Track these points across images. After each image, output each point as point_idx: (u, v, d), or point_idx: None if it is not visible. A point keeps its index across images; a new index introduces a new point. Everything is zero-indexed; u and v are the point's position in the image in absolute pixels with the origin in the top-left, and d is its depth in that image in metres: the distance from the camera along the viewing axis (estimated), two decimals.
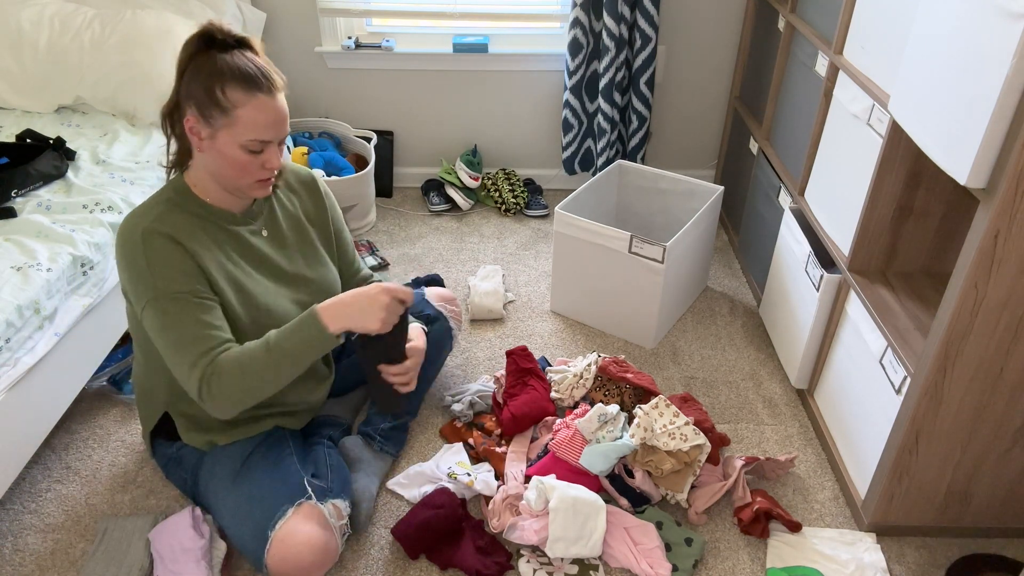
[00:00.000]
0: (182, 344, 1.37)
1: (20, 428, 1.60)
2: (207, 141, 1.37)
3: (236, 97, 1.32)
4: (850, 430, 1.80)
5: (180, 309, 1.37)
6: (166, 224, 1.39)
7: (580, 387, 1.96)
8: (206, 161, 1.40)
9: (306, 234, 1.64)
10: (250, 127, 1.34)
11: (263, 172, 1.41)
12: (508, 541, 1.66)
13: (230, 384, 1.37)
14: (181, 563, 1.51)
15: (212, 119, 1.34)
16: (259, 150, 1.38)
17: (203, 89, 1.32)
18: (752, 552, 1.67)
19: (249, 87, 1.33)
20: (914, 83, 1.42)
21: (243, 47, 1.37)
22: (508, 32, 2.84)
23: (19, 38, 2.32)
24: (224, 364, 1.37)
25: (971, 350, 1.40)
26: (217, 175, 1.42)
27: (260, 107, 1.34)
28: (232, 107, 1.33)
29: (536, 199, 2.96)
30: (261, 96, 1.34)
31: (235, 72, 1.32)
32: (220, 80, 1.32)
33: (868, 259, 1.79)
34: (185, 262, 1.39)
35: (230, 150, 1.36)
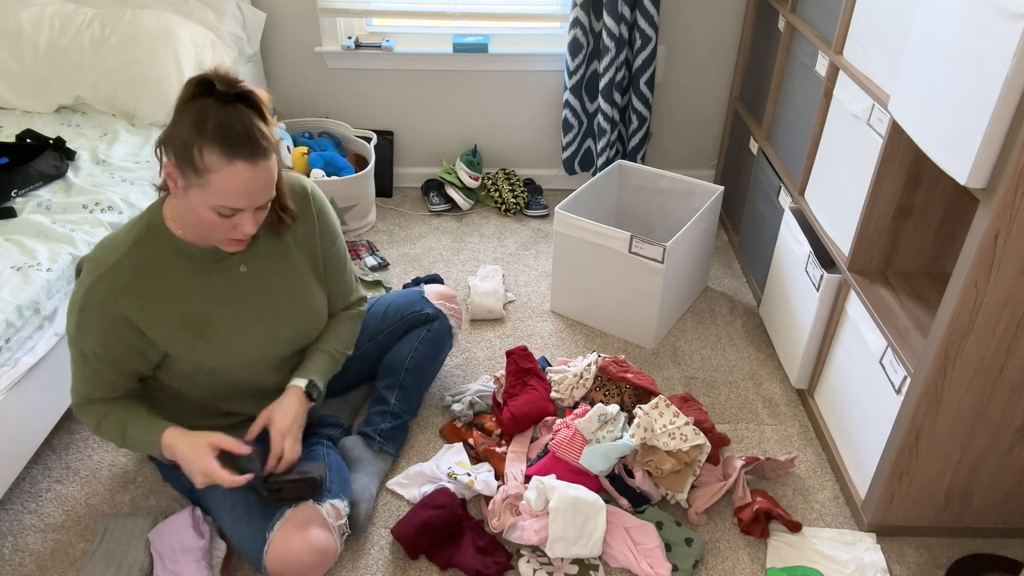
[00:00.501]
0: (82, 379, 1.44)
1: (20, 428, 1.60)
2: (181, 191, 1.30)
3: (212, 161, 1.23)
4: (850, 430, 1.80)
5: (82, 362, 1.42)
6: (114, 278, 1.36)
7: (580, 387, 1.96)
8: (179, 205, 1.35)
9: (291, 261, 1.55)
10: (221, 194, 1.26)
11: (235, 233, 1.34)
12: (508, 541, 1.66)
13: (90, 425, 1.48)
14: (181, 563, 1.51)
15: (186, 175, 1.26)
16: (230, 215, 1.30)
17: (182, 144, 1.24)
18: (752, 552, 1.67)
19: (229, 153, 1.23)
20: (914, 83, 1.42)
21: (243, 101, 1.27)
22: (508, 32, 2.84)
23: (19, 38, 2.32)
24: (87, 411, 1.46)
25: (971, 350, 1.40)
26: (188, 222, 1.37)
27: (236, 176, 1.24)
28: (206, 171, 1.24)
29: (536, 199, 2.96)
30: (240, 164, 1.24)
31: (218, 134, 1.23)
32: (200, 140, 1.23)
33: (868, 259, 1.79)
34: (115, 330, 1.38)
35: (201, 209, 1.29)
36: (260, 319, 1.51)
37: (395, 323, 1.90)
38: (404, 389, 1.87)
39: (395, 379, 1.87)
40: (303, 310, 1.57)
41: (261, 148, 1.26)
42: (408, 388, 1.87)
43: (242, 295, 1.49)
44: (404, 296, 1.93)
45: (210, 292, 1.45)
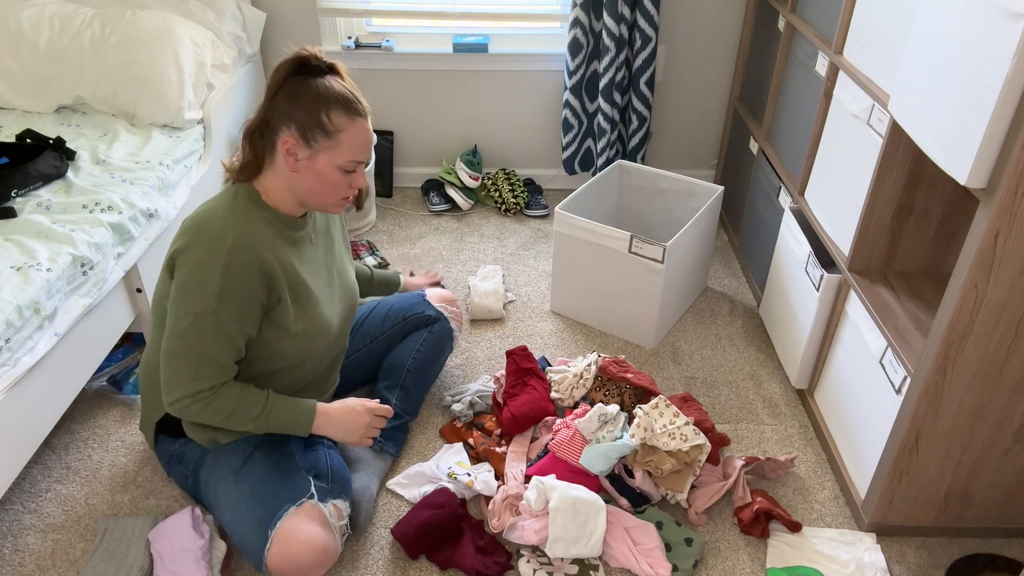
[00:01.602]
0: (195, 359, 1.41)
1: (20, 428, 1.60)
2: (304, 162, 1.42)
3: (340, 121, 1.40)
4: (850, 430, 1.80)
5: (216, 335, 1.41)
6: (253, 236, 1.42)
7: (580, 387, 1.96)
8: (294, 179, 1.45)
9: (333, 238, 1.70)
10: (351, 149, 1.43)
11: (350, 191, 1.49)
12: (508, 541, 1.66)
13: (211, 416, 1.45)
14: (181, 563, 1.51)
15: (315, 141, 1.40)
16: (353, 170, 1.46)
17: (307, 113, 1.39)
18: (752, 552, 1.67)
19: (350, 112, 1.41)
20: (914, 83, 1.42)
21: (334, 73, 1.44)
22: (508, 32, 2.84)
23: (19, 38, 2.32)
24: (222, 397, 1.45)
25: (971, 350, 1.40)
26: (304, 192, 1.47)
27: (360, 130, 1.43)
28: (336, 131, 1.40)
29: (536, 199, 2.96)
30: (359, 120, 1.43)
31: (338, 98, 1.40)
32: (325, 105, 1.39)
33: (868, 259, 1.79)
34: (252, 293, 1.42)
35: (328, 171, 1.43)
36: (328, 288, 1.63)
37: (396, 325, 1.91)
38: (405, 389, 1.87)
39: (396, 379, 1.87)
40: (349, 283, 1.73)
41: (366, 108, 1.46)
42: (409, 388, 1.88)
43: (318, 265, 1.61)
44: (406, 298, 1.96)
45: (300, 258, 1.54)
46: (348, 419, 1.56)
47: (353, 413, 1.57)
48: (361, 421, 1.57)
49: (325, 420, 1.55)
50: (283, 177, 1.47)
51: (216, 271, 1.39)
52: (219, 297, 1.39)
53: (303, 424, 1.53)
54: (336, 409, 1.57)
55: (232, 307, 1.41)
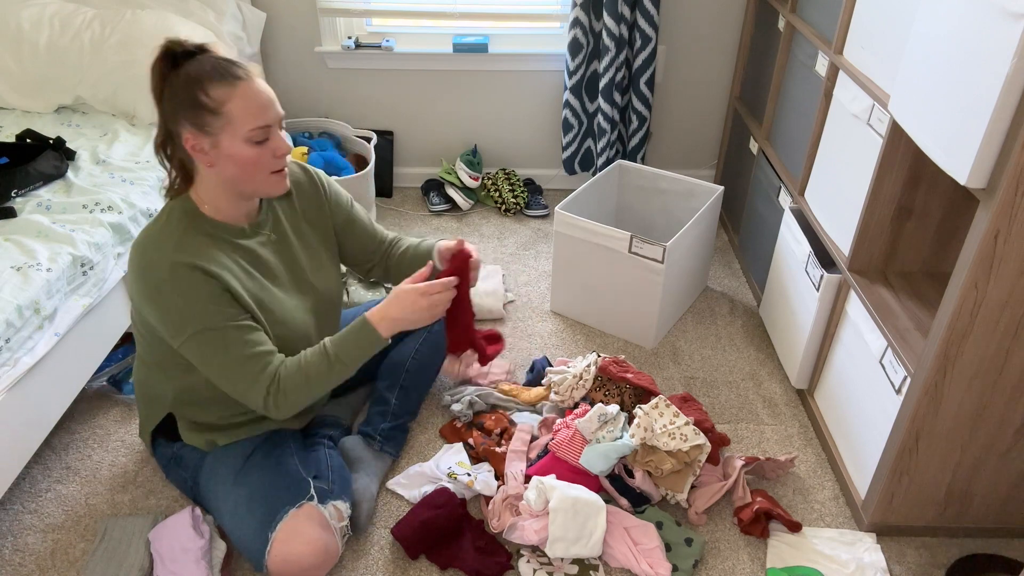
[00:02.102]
0: (233, 369, 1.41)
1: (20, 428, 1.60)
2: (212, 152, 1.35)
3: (220, 93, 1.31)
4: (850, 430, 1.80)
5: (222, 339, 1.39)
6: (189, 252, 1.38)
7: (580, 387, 1.96)
8: (218, 173, 1.39)
9: (307, 238, 1.63)
10: (245, 117, 1.33)
11: (276, 162, 1.41)
12: (508, 541, 1.66)
13: (296, 397, 1.43)
14: (181, 563, 1.51)
15: (208, 126, 1.33)
16: (263, 138, 1.37)
17: (187, 101, 1.31)
18: (752, 552, 1.67)
19: (227, 79, 1.32)
20: (914, 83, 1.42)
21: (204, 51, 1.36)
22: (508, 32, 2.84)
23: (19, 38, 2.32)
24: (287, 380, 1.42)
25: (971, 350, 1.40)
26: (234, 182, 1.40)
27: (245, 94, 1.33)
28: (221, 104, 1.32)
29: (536, 199, 2.96)
30: (242, 84, 1.33)
31: (208, 71, 1.32)
32: (198, 85, 1.31)
33: (868, 259, 1.79)
34: (215, 292, 1.38)
35: (237, 149, 1.35)
36: (294, 289, 1.58)
37: None
38: (404, 389, 1.87)
39: (395, 379, 1.87)
40: (321, 284, 1.64)
41: (245, 68, 1.36)
42: (408, 388, 1.88)
43: (279, 268, 1.55)
44: None
45: (256, 266, 1.50)
46: (409, 311, 1.46)
47: (409, 302, 1.46)
48: (420, 305, 1.46)
49: (387, 324, 1.46)
50: (210, 178, 1.41)
51: (172, 297, 1.36)
52: (192, 314, 1.37)
53: (372, 341, 1.46)
54: (392, 307, 1.47)
55: (210, 312, 1.37)
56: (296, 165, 1.65)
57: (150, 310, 1.39)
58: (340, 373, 1.46)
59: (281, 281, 1.55)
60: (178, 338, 1.39)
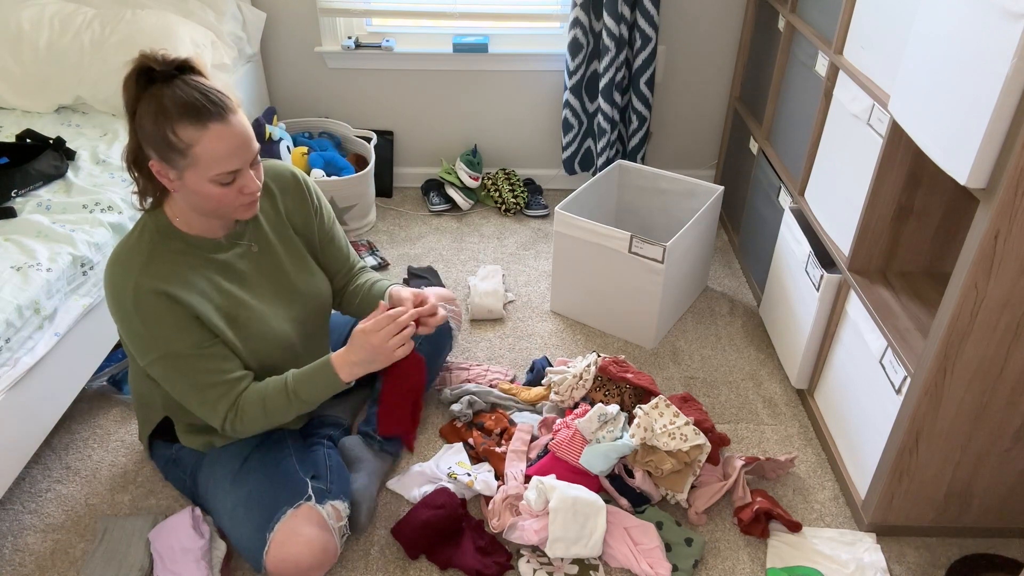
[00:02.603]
0: (195, 392, 1.42)
1: (20, 428, 1.60)
2: (177, 182, 1.31)
3: (188, 135, 1.25)
4: (850, 430, 1.80)
5: (185, 364, 1.39)
6: (153, 275, 1.35)
7: (580, 387, 1.96)
8: (183, 198, 1.37)
9: (293, 243, 1.60)
10: (212, 162, 1.27)
11: (243, 197, 1.36)
12: (508, 541, 1.66)
13: (252, 423, 1.46)
14: (181, 563, 1.51)
15: (173, 163, 1.28)
16: (230, 181, 1.32)
17: (154, 135, 1.26)
18: (752, 552, 1.67)
19: (199, 120, 1.25)
20: (914, 83, 1.42)
21: (185, 72, 1.29)
22: (508, 32, 2.84)
23: (19, 38, 2.32)
24: (245, 407, 1.44)
25: (971, 350, 1.40)
26: (198, 208, 1.38)
27: (216, 138, 1.26)
28: (188, 146, 1.25)
29: (536, 199, 2.96)
30: (213, 126, 1.25)
31: (181, 108, 1.24)
32: (168, 121, 1.24)
33: (868, 259, 1.79)
34: (180, 318, 1.36)
35: (202, 187, 1.30)
36: (276, 299, 1.55)
37: None
38: None
39: None
40: (309, 290, 1.62)
41: (225, 105, 1.28)
42: None
43: (258, 279, 1.53)
44: None
45: (231, 280, 1.47)
46: (363, 353, 1.43)
47: (359, 344, 1.43)
48: (372, 343, 1.42)
49: (349, 368, 1.44)
50: (180, 197, 1.37)
51: (135, 321, 1.35)
52: (154, 339, 1.36)
53: (332, 384, 1.45)
54: (350, 351, 1.44)
55: (172, 337, 1.36)
56: (284, 167, 1.62)
57: (119, 329, 1.41)
58: (299, 408, 1.47)
59: (260, 292, 1.52)
60: (143, 359, 1.40)
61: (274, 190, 1.59)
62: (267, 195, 1.58)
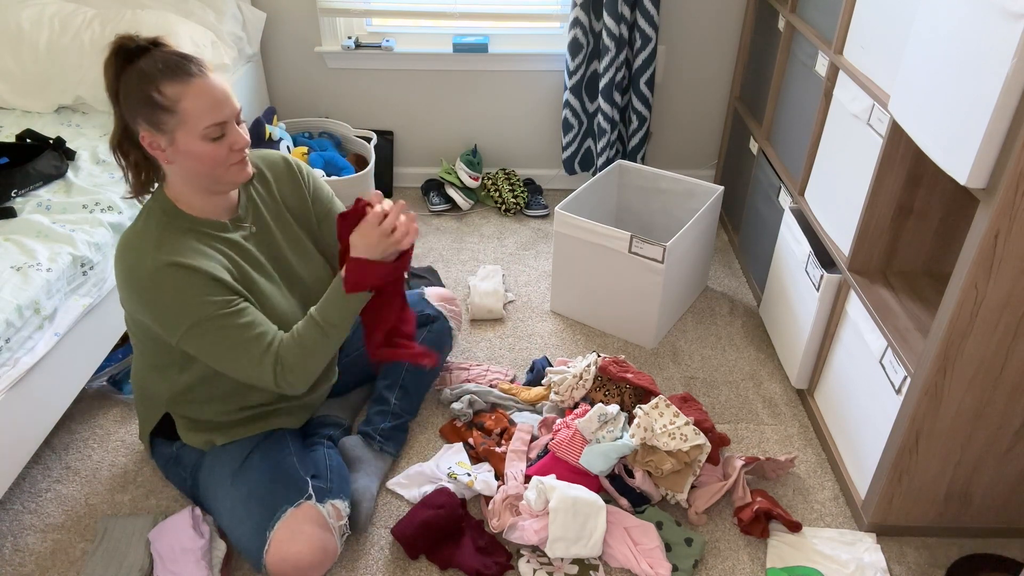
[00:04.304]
0: (236, 355, 1.41)
1: (20, 428, 1.60)
2: (169, 149, 1.34)
3: (173, 91, 1.30)
4: (850, 430, 1.80)
5: (218, 326, 1.39)
6: (169, 250, 1.37)
7: (580, 387, 1.96)
8: (179, 170, 1.38)
9: (290, 227, 1.61)
10: (200, 114, 1.32)
11: (235, 155, 1.39)
12: (508, 541, 1.66)
13: (298, 368, 1.44)
14: (181, 563, 1.51)
15: (163, 124, 1.31)
16: (220, 135, 1.35)
17: (141, 99, 1.30)
18: (752, 552, 1.67)
19: (180, 76, 1.30)
20: (914, 83, 1.42)
21: (158, 46, 1.35)
22: (508, 32, 2.84)
23: (19, 38, 2.32)
24: (285, 355, 1.43)
25: (971, 350, 1.40)
26: (195, 177, 1.39)
27: (200, 92, 1.31)
28: (174, 102, 1.30)
29: (536, 199, 2.96)
30: (195, 81, 1.31)
31: (162, 68, 1.30)
32: (152, 82, 1.29)
33: (868, 259, 1.79)
34: (202, 283, 1.37)
35: (194, 146, 1.34)
36: (281, 280, 1.57)
37: None
38: (404, 389, 1.87)
39: (395, 379, 1.87)
40: (309, 273, 1.63)
41: (202, 63, 1.34)
42: (408, 388, 1.88)
43: (262, 259, 1.54)
44: None
45: (240, 259, 1.49)
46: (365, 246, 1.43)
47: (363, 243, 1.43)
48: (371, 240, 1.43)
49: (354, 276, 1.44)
50: (174, 174, 1.40)
51: (159, 298, 1.35)
52: (182, 309, 1.36)
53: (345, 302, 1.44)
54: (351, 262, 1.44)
55: (202, 303, 1.37)
56: (274, 153, 1.64)
57: (142, 312, 1.40)
58: (335, 336, 1.46)
59: (268, 273, 1.54)
60: (175, 335, 1.39)
61: (268, 176, 1.60)
62: (262, 181, 1.59)
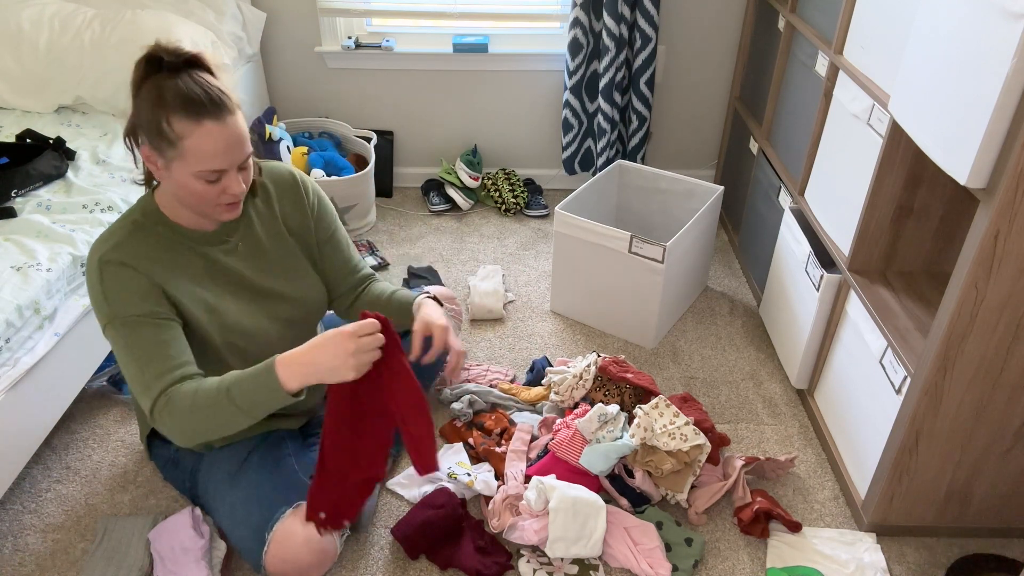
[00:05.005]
0: (134, 367, 1.33)
1: (20, 428, 1.60)
2: (163, 171, 1.31)
3: (181, 128, 1.25)
4: (850, 430, 1.80)
5: (135, 331, 1.32)
6: (123, 252, 1.34)
7: (580, 387, 1.96)
8: (169, 188, 1.35)
9: (286, 244, 1.57)
10: (200, 158, 1.27)
11: (225, 198, 1.34)
12: (508, 541, 1.66)
13: (179, 416, 1.30)
14: (181, 563, 1.51)
15: (163, 151, 1.28)
16: (216, 179, 1.30)
17: (150, 121, 1.26)
18: (752, 552, 1.67)
19: (194, 115, 1.24)
20: (914, 83, 1.42)
21: (193, 67, 1.29)
22: (508, 32, 2.84)
23: (19, 38, 2.32)
24: (176, 398, 1.30)
25: (971, 350, 1.40)
26: (181, 201, 1.37)
27: (207, 135, 1.26)
28: (179, 139, 1.25)
29: (536, 199, 2.96)
30: (208, 123, 1.25)
31: (179, 100, 1.24)
32: (164, 111, 1.24)
33: (868, 259, 1.79)
34: (141, 286, 1.33)
35: (186, 180, 1.30)
36: (259, 298, 1.52)
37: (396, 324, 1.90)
38: None
39: None
40: (298, 292, 1.58)
41: (224, 105, 1.27)
42: None
43: (241, 276, 1.49)
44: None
45: (212, 273, 1.45)
46: (323, 355, 1.27)
47: (329, 344, 1.27)
48: (343, 349, 1.26)
49: (292, 369, 1.27)
50: (165, 186, 1.37)
51: (97, 287, 1.33)
52: (110, 302, 1.32)
53: (272, 388, 1.27)
54: (303, 351, 1.28)
55: (129, 301, 1.32)
56: (285, 168, 1.60)
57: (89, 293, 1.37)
58: (232, 414, 1.29)
59: (240, 289, 1.49)
60: (101, 325, 1.36)
61: (271, 190, 1.57)
62: (263, 195, 1.56)
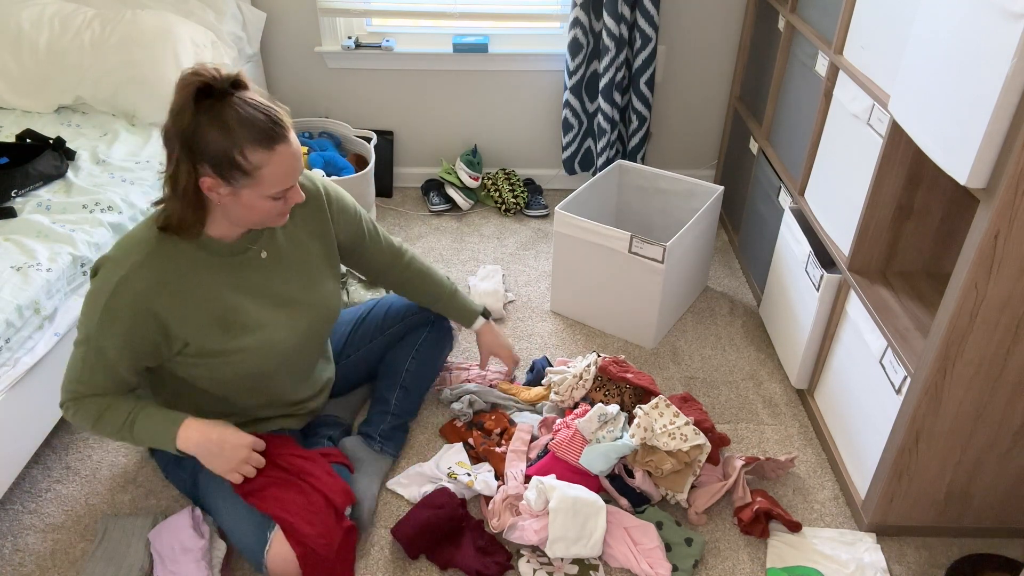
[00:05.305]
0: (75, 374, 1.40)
1: (20, 428, 1.60)
2: (229, 197, 1.32)
3: (257, 158, 1.27)
4: (850, 430, 1.80)
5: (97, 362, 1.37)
6: (143, 277, 1.34)
7: (580, 387, 1.96)
8: (222, 210, 1.36)
9: (306, 252, 1.57)
10: (276, 181, 1.31)
11: (286, 207, 1.39)
12: (508, 541, 1.66)
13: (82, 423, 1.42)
14: (181, 563, 1.51)
15: (233, 180, 1.28)
16: (282, 195, 1.35)
17: (220, 153, 1.25)
18: (752, 552, 1.67)
19: (268, 143, 1.27)
20: (914, 83, 1.42)
21: (237, 87, 1.28)
22: (508, 32, 2.84)
23: (19, 38, 2.32)
24: (84, 406, 1.41)
25: (971, 350, 1.40)
26: (236, 219, 1.38)
27: (282, 160, 1.29)
28: (256, 168, 1.27)
29: (536, 199, 2.96)
30: (280, 148, 1.28)
31: (251, 130, 1.25)
32: (235, 143, 1.25)
33: (868, 259, 1.79)
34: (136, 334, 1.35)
35: (257, 203, 1.33)
36: (281, 307, 1.52)
37: (396, 324, 1.90)
38: (404, 389, 1.87)
39: (395, 379, 1.87)
40: (318, 299, 1.58)
41: (284, 123, 1.30)
42: (408, 388, 1.88)
43: (264, 284, 1.50)
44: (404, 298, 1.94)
45: (236, 284, 1.46)
46: (219, 446, 1.43)
47: (228, 443, 1.44)
48: (236, 455, 1.44)
49: (191, 437, 1.42)
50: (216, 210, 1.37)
51: (100, 304, 1.33)
52: (99, 328, 1.34)
53: (167, 439, 1.42)
54: (209, 430, 1.43)
55: (114, 341, 1.35)
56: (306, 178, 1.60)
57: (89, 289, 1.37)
58: (126, 438, 1.43)
59: (263, 299, 1.50)
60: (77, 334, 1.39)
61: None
62: None
